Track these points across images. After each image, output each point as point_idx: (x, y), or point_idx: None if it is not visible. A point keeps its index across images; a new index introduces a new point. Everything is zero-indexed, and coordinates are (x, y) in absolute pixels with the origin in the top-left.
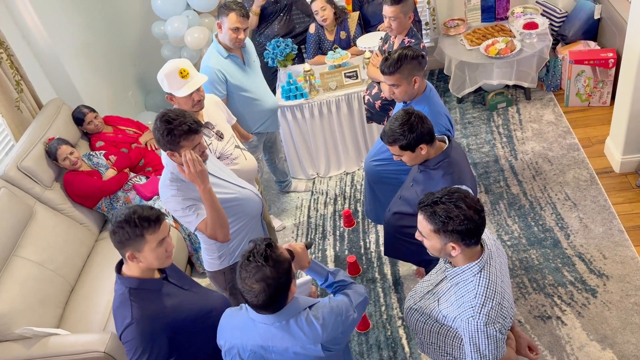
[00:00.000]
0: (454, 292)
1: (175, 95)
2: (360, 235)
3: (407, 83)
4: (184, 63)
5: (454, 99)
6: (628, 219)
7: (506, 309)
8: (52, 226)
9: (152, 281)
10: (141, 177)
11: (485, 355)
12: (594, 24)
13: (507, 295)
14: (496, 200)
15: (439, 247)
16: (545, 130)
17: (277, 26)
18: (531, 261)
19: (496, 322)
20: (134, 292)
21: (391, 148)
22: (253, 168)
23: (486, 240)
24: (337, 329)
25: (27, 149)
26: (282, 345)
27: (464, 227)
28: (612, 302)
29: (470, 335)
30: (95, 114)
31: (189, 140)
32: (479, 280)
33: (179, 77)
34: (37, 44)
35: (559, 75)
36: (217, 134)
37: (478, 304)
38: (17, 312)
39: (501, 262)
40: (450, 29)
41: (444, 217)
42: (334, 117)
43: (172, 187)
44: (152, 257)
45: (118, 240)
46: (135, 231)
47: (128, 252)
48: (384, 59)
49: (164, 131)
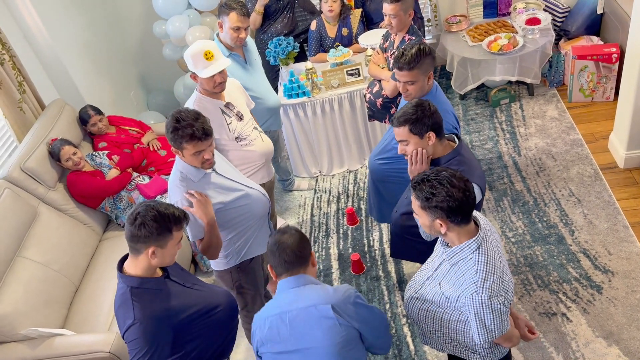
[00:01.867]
0: (454, 271)
1: (199, 75)
2: (364, 233)
3: (423, 79)
4: (210, 45)
5: (456, 95)
6: (633, 215)
7: (507, 282)
8: (55, 227)
9: (154, 280)
10: (144, 177)
11: (491, 330)
12: (596, 19)
13: (505, 269)
14: (500, 197)
15: (429, 224)
16: (549, 126)
17: (281, 24)
18: (536, 258)
19: (499, 295)
20: (135, 291)
21: (399, 131)
22: (269, 150)
23: (479, 219)
24: (349, 298)
25: (30, 150)
26: (297, 306)
27: (446, 204)
28: (617, 299)
29: (475, 311)
30: (100, 117)
31: (191, 144)
32: (478, 256)
33: (203, 58)
34: (38, 45)
35: (562, 71)
36: (237, 114)
37: (480, 279)
38: (22, 313)
39: (496, 240)
40: (452, 25)
41: (427, 194)
42: (336, 115)
43: (181, 187)
44: (170, 254)
45: (145, 234)
46: (168, 226)
47: (151, 248)
48: (399, 55)
49: (170, 127)
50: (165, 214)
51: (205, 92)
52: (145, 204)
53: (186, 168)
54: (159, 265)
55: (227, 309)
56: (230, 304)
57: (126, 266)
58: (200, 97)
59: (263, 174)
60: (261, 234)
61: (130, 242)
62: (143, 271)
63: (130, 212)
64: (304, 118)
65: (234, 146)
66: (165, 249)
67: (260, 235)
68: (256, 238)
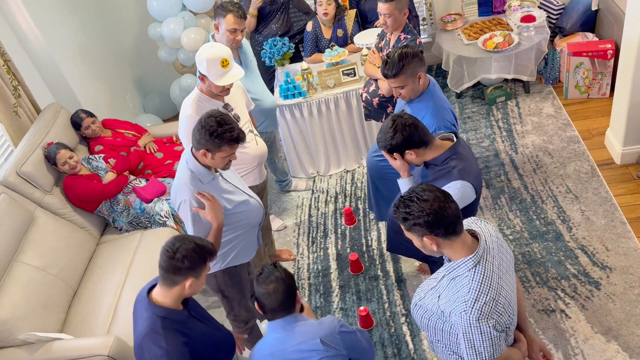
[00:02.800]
0: (451, 287)
1: (213, 82)
2: (362, 233)
3: (412, 82)
4: (227, 53)
5: (452, 94)
6: (630, 211)
7: (502, 305)
8: (52, 231)
9: (180, 312)
10: (141, 180)
11: (480, 352)
12: (591, 16)
13: (504, 292)
14: (497, 195)
15: (421, 245)
16: (545, 123)
17: (275, 25)
18: (534, 255)
19: (490, 318)
20: (165, 321)
21: (384, 153)
22: (263, 153)
23: (485, 236)
24: (334, 329)
25: (26, 154)
26: (288, 345)
27: (422, 219)
28: (615, 294)
29: (464, 331)
30: (93, 119)
31: (232, 147)
32: (474, 274)
33: (220, 65)
34: (33, 49)
35: (557, 68)
36: (234, 117)
37: (471, 299)
38: (20, 318)
39: (502, 259)
40: (448, 23)
41: (403, 214)
42: (332, 115)
43: (191, 187)
44: (201, 285)
45: (188, 266)
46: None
47: (190, 279)
48: (383, 63)
49: (212, 131)
50: (202, 246)
51: (208, 93)
52: (180, 237)
53: (198, 169)
54: (190, 295)
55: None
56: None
57: (155, 295)
58: (200, 96)
59: (255, 176)
60: (250, 243)
61: (170, 274)
62: (172, 302)
63: (166, 246)
64: (300, 118)
65: None
66: (199, 280)
67: (249, 244)
68: (245, 246)
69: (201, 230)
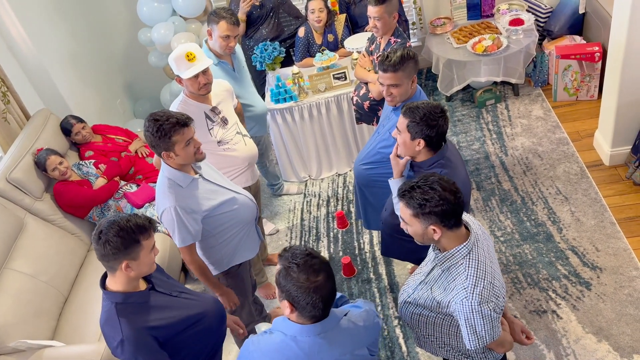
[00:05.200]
0: (445, 277)
1: (182, 76)
2: (354, 236)
3: (407, 82)
4: (192, 47)
5: (442, 97)
6: (619, 211)
7: (498, 288)
8: (43, 237)
9: (138, 294)
10: (132, 185)
11: (482, 336)
12: (579, 19)
13: (497, 275)
14: (488, 197)
15: (421, 232)
16: (535, 126)
17: (266, 30)
18: (525, 256)
19: (489, 301)
20: (120, 307)
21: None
22: (253, 154)
23: (471, 224)
24: (376, 330)
25: (15, 160)
26: (331, 355)
27: (440, 208)
28: (606, 294)
29: (465, 317)
30: (82, 125)
31: (179, 134)
32: (469, 261)
33: (185, 60)
34: (22, 55)
35: (546, 71)
36: (222, 119)
37: (470, 285)
38: (11, 325)
39: (488, 245)
40: (437, 27)
41: (420, 200)
42: (323, 118)
43: (170, 194)
44: (145, 264)
45: (112, 250)
46: (134, 237)
47: (123, 263)
48: (383, 58)
49: (154, 130)
50: (127, 227)
51: (191, 95)
52: (107, 221)
53: (173, 174)
54: (138, 277)
55: (215, 316)
56: (218, 310)
57: (108, 283)
58: (186, 99)
59: (247, 177)
60: (249, 240)
61: (102, 261)
62: (124, 286)
63: (94, 231)
64: (291, 122)
65: (215, 149)
66: (138, 260)
67: (248, 241)
68: (244, 244)
69: (187, 237)
